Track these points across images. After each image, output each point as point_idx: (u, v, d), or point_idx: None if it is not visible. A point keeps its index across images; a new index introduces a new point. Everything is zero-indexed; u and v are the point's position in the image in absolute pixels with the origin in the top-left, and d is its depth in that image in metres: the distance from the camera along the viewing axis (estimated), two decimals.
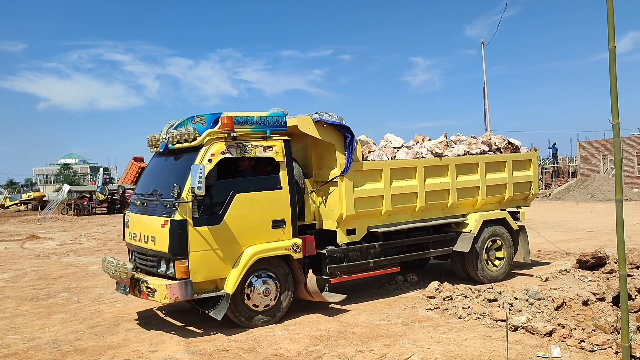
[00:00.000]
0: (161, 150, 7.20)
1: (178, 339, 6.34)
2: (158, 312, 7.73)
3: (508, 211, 9.29)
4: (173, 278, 6.27)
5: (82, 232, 20.78)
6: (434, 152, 8.52)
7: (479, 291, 7.24)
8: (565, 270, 8.85)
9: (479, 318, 6.47)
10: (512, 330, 5.98)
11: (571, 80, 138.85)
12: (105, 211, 33.69)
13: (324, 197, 7.60)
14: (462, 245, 8.45)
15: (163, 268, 6.45)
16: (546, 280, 8.46)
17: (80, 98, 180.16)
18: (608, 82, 4.10)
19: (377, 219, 7.82)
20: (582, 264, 8.92)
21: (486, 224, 8.75)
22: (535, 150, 10.03)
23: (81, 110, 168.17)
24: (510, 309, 6.76)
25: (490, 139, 9.47)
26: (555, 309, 6.70)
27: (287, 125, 7.07)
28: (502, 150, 9.49)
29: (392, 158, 8.10)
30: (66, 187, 34.15)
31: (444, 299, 7.23)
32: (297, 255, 6.97)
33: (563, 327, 6.28)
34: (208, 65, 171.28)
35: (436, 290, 7.56)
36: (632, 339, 6.34)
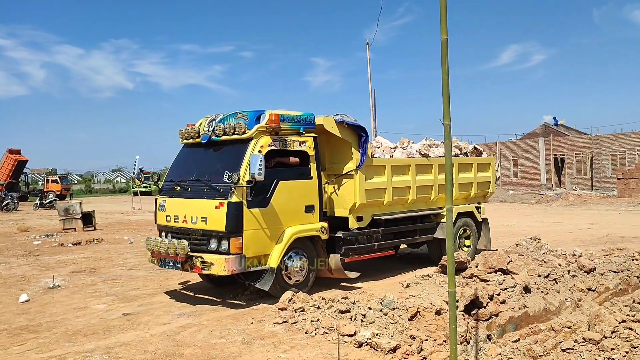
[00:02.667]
0: (203, 142, 7.83)
1: None
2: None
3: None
4: (225, 254, 7.04)
5: None
6: (422, 153, 9.99)
7: (332, 301, 6.75)
8: (428, 275, 8.64)
9: (326, 333, 5.95)
10: (357, 347, 5.53)
11: (463, 86, 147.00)
12: None
13: (335, 188, 8.67)
14: (442, 233, 9.91)
15: (214, 245, 7.17)
16: (407, 286, 8.18)
17: None
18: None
19: (379, 209, 9.05)
20: (444, 269, 8.77)
21: (459, 215, 10.31)
22: (494, 155, 12.30)
23: None
24: (362, 321, 6.34)
25: (458, 144, 11.06)
26: (409, 319, 6.37)
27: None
28: (468, 153, 11.08)
29: (390, 156, 9.53)
30: None
31: (295, 311, 6.66)
32: (324, 237, 8.06)
33: (414, 338, 5.97)
34: (101, 55, 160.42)
35: (289, 301, 6.97)
36: (481, 349, 6.19)
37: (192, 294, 8.24)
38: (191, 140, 8.13)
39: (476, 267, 8.33)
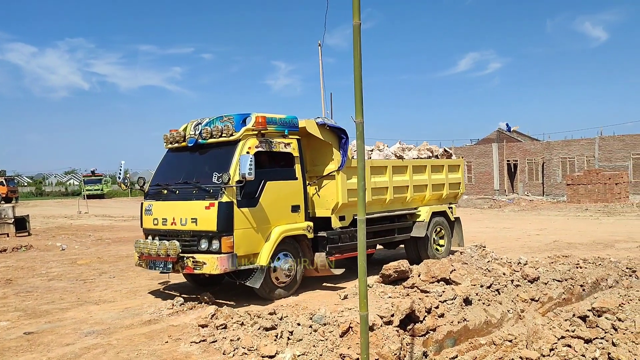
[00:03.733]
0: (190, 145, 7.96)
1: None
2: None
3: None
4: (216, 253, 7.15)
5: None
6: (397, 155, 10.38)
7: (257, 317, 6.20)
8: (368, 286, 8.16)
9: (246, 354, 5.38)
10: None
11: (420, 92, 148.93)
12: None
13: (317, 189, 8.75)
14: (418, 231, 10.29)
15: (204, 245, 7.27)
16: (345, 297, 7.71)
17: None
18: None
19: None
20: (385, 279, 8.30)
21: (433, 215, 10.60)
22: (462, 157, 13.09)
23: None
24: (289, 338, 5.81)
25: (429, 147, 11.47)
26: (340, 336, 5.89)
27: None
28: (439, 156, 11.41)
29: (369, 158, 9.95)
30: None
31: (217, 328, 6.05)
32: (310, 236, 8.25)
33: (344, 357, 5.50)
34: (55, 54, 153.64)
35: (212, 316, 6.37)
36: None
37: (113, 308, 7.53)
38: (176, 145, 8.21)
39: (418, 276, 7.92)
